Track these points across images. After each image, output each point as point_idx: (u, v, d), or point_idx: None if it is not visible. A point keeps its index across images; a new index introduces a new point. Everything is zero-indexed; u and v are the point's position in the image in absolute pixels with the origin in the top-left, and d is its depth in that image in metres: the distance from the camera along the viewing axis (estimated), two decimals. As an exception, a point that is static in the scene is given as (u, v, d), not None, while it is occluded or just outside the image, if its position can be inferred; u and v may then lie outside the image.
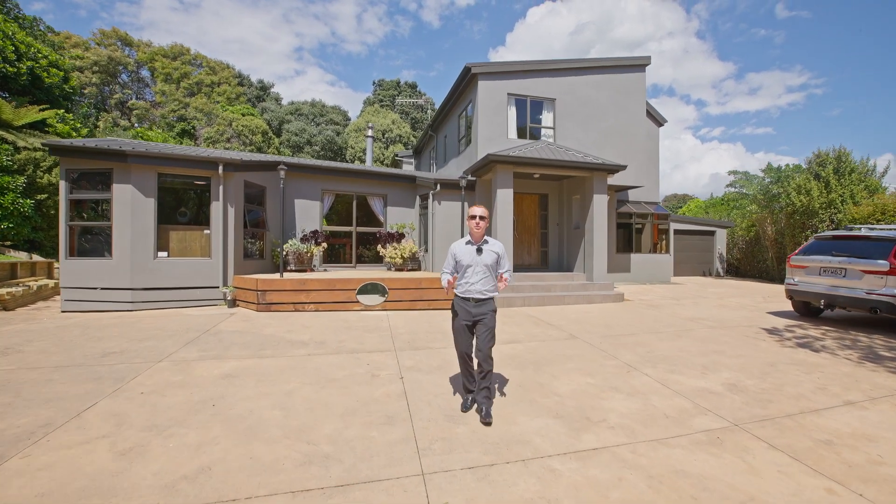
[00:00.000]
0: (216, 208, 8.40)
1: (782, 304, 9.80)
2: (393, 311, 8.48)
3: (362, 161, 35.86)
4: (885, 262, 6.54)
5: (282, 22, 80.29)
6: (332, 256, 12.45)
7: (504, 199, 10.22)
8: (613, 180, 12.24)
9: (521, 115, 12.19)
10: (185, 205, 8.44)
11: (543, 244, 12.90)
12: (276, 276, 8.69)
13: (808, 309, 8.09)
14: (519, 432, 3.27)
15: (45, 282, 9.56)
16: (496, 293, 3.53)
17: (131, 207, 7.75)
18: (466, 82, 12.12)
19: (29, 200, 11.90)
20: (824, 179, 13.42)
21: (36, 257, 11.89)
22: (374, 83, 48.22)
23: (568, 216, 12.43)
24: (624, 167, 10.74)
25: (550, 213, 12.83)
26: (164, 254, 8.12)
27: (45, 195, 12.70)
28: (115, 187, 7.77)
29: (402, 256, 11.46)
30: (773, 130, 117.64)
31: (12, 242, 12.00)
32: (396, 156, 24.12)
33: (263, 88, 43.81)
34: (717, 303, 9.88)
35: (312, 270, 10.77)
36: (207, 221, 8.49)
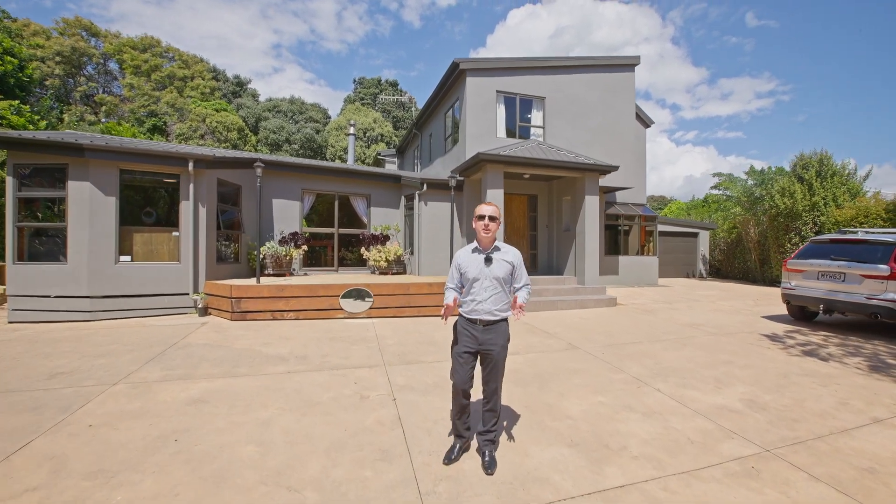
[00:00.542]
0: (186, 208, 7.73)
1: (774, 308, 9.70)
2: (379, 318, 7.98)
3: (343, 160, 35.05)
4: (885, 266, 6.40)
5: (259, 18, 78.33)
6: (313, 259, 11.84)
7: (494, 200, 9.83)
8: (603, 181, 12.01)
9: (510, 113, 11.84)
10: (151, 204, 7.75)
11: (533, 247, 12.58)
12: (252, 281, 8.08)
13: (804, 313, 7.96)
14: (533, 466, 2.86)
15: (-7, 288, 8.69)
16: (509, 314, 2.92)
17: (89, 207, 7.02)
18: (454, 78, 11.70)
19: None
20: (807, 182, 13.54)
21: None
22: (355, 81, 47.38)
23: (558, 218, 12.15)
24: (616, 168, 10.50)
25: (540, 215, 12.52)
26: (128, 258, 7.41)
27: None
28: (71, 185, 7.03)
29: (386, 259, 10.96)
30: (744, 134, 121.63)
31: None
32: (379, 155, 23.51)
33: (240, 84, 42.46)
34: (711, 307, 9.72)
35: (292, 275, 10.15)
36: (176, 222, 7.82)
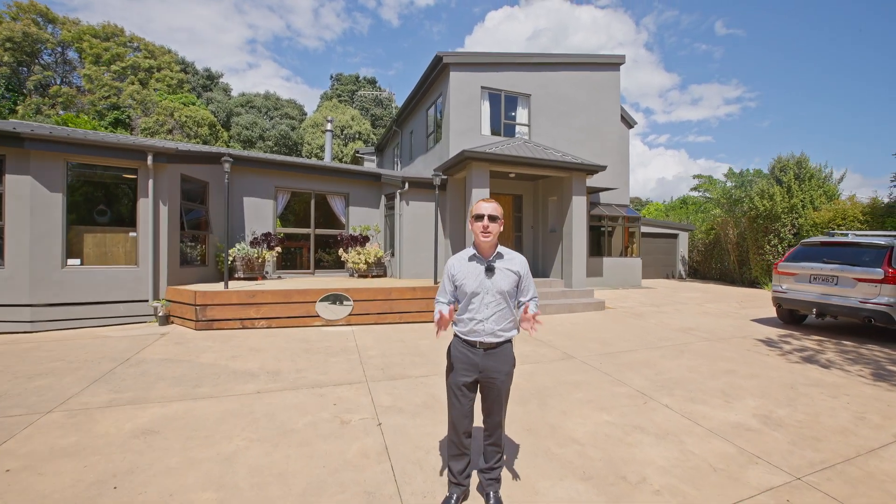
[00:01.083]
0: (145, 206, 7.02)
1: (761, 311, 9.66)
2: (359, 325, 7.47)
3: (320, 158, 34.10)
4: (879, 270, 6.32)
5: (234, 12, 75.87)
6: (288, 262, 11.19)
7: (479, 199, 9.43)
8: (588, 182, 11.80)
9: (494, 110, 11.48)
10: (106, 202, 7.01)
11: (518, 248, 12.25)
12: (221, 286, 7.44)
13: (793, 316, 7.88)
14: (546, 508, 2.46)
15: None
16: (515, 333, 2.44)
17: (30, 204, 6.25)
18: (437, 73, 11.26)
19: None
20: (786, 185, 13.70)
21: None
22: (332, 77, 46.38)
23: (543, 219, 11.86)
24: (604, 168, 10.28)
25: (525, 216, 12.22)
26: (77, 261, 6.66)
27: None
28: (9, 179, 6.23)
29: (366, 262, 10.43)
30: (713, 139, 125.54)
31: None
32: (357, 153, 22.85)
33: (210, 77, 40.85)
34: (698, 310, 9.59)
35: (264, 278, 9.51)
36: (134, 222, 7.10)
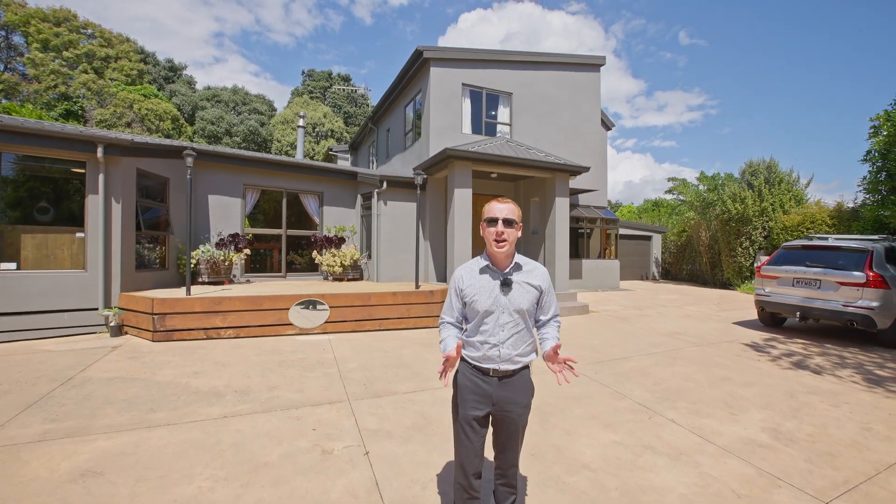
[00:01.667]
0: (94, 203, 6.31)
1: (739, 313, 9.74)
2: (336, 333, 6.98)
3: (291, 156, 32.99)
4: (861, 273, 6.36)
5: (199, 4, 72.69)
6: (258, 264, 10.53)
7: (462, 200, 9.11)
8: (571, 183, 11.67)
9: (475, 108, 11.18)
10: (50, 198, 6.27)
11: (497, 250, 12.00)
12: (182, 292, 6.79)
13: (774, 319, 7.92)
14: (569, 558, 2.12)
15: None
16: (534, 357, 2.08)
17: (-44, 200, 5.47)
18: (417, 68, 10.86)
19: None
20: (757, 188, 14.03)
21: None
22: (304, 73, 45.11)
23: (525, 220, 11.65)
24: (587, 169, 10.15)
25: (505, 217, 11.95)
26: (12, 265, 5.88)
27: None
28: (-70, 171, 5.45)
29: (341, 264, 9.93)
30: (677, 144, 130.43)
31: None
32: (330, 150, 22.11)
33: (173, 69, 38.92)
34: (679, 313, 9.58)
35: (232, 282, 8.85)
36: (82, 221, 6.37)
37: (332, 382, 4.55)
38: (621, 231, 17.84)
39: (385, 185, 9.92)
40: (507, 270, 2.02)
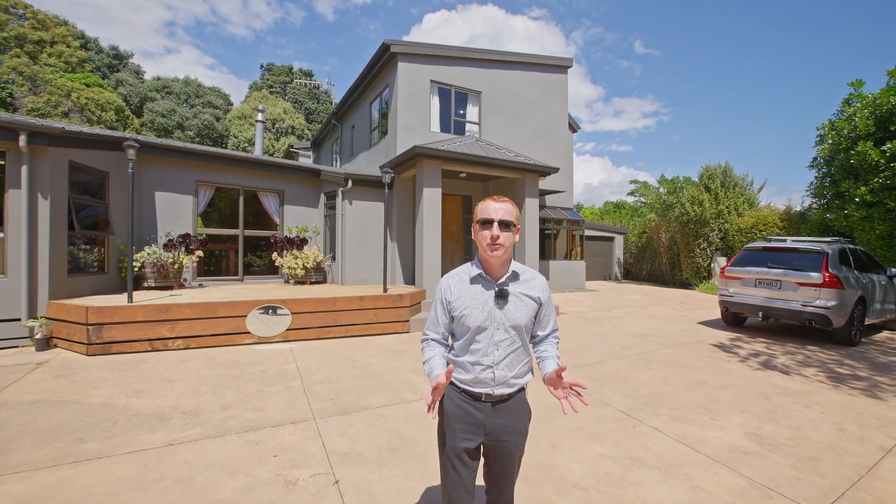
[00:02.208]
0: (16, 199, 5.55)
1: (701, 312, 10.02)
2: (298, 341, 6.52)
3: (249, 153, 31.55)
4: (818, 274, 6.60)
5: (149, -11, 68.43)
6: (212, 267, 9.82)
7: (431, 200, 8.83)
8: (540, 184, 11.65)
9: (444, 106, 10.94)
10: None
11: (467, 251, 11.81)
12: (123, 298, 6.13)
13: (736, 319, 8.14)
14: None
15: None
16: (531, 378, 1.84)
17: None
18: (384, 63, 10.48)
19: None
20: (714, 192, 14.61)
21: None
22: (263, 67, 43.35)
23: (493, 221, 11.50)
24: (556, 170, 10.13)
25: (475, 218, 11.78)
26: (-87, 271, 5.07)
27: None
28: None
29: (304, 266, 9.41)
30: (633, 149, 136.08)
31: None
32: (291, 147, 21.21)
33: (119, 57, 36.34)
34: (646, 313, 9.72)
35: (182, 287, 8.16)
36: (1, 219, 5.59)
37: (296, 398, 4.15)
38: (586, 232, 18.14)
39: (350, 183, 9.49)
40: (503, 280, 1.76)
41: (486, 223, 1.71)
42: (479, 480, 1.90)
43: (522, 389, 1.85)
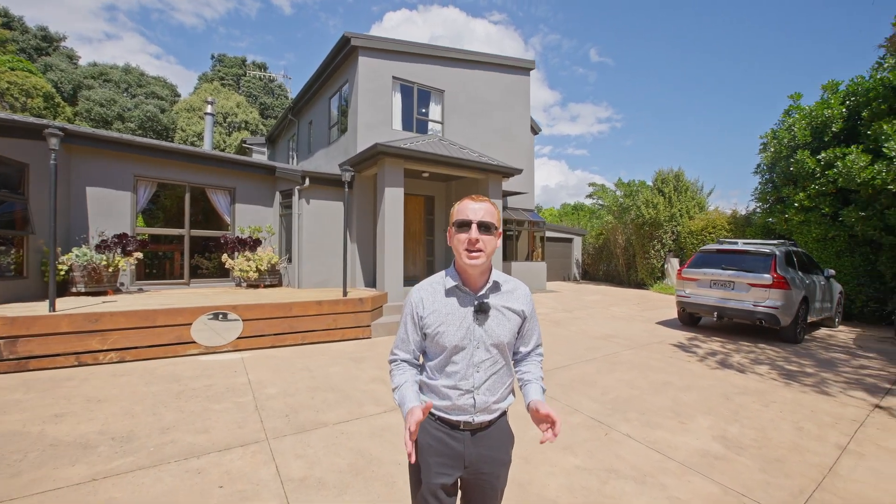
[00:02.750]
0: (-90, 194, 4.77)
1: (658, 312, 10.32)
2: (251, 350, 6.06)
3: (197, 147, 29.78)
4: (768, 276, 6.90)
5: (85, -33, 63.29)
6: (154, 270, 9.05)
7: (393, 200, 8.54)
8: (504, 185, 11.62)
9: (407, 104, 10.66)
10: None
11: (429, 253, 11.60)
12: (45, 306, 5.43)
13: (692, 318, 8.41)
14: None
15: None
16: (513, 400, 1.64)
17: None
18: (344, 56, 10.07)
19: None
20: (667, 195, 15.20)
21: None
22: (214, 57, 41.18)
23: (456, 222, 11.36)
24: (520, 171, 10.12)
25: (437, 218, 11.60)
26: None
27: None
28: None
29: (257, 269, 8.86)
30: (588, 153, 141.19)
31: None
32: (244, 143, 20.15)
33: (48, 39, 33.29)
34: (606, 314, 9.89)
35: (118, 292, 7.43)
36: None
37: (247, 416, 3.77)
38: (546, 234, 18.41)
39: (308, 181, 9.03)
40: (483, 291, 1.55)
41: (464, 225, 1.49)
42: (458, 517, 1.69)
43: (504, 413, 1.65)
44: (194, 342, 5.66)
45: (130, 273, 8.08)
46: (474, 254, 1.47)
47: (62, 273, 6.58)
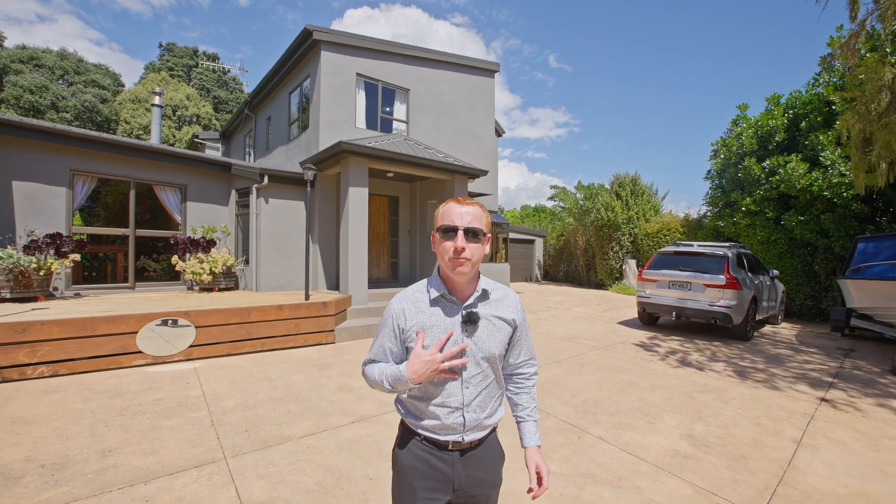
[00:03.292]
0: None
1: (618, 312, 10.63)
2: (205, 359, 5.66)
3: (144, 141, 27.93)
4: (722, 276, 7.23)
5: (11, -60, 57.80)
6: (94, 273, 8.33)
7: (358, 200, 8.29)
8: (469, 186, 11.59)
9: (371, 101, 10.41)
10: None
11: (394, 254, 11.38)
12: (-38, 315, 4.82)
13: (651, 318, 8.71)
14: None
15: None
16: (502, 415, 1.53)
17: None
18: (305, 50, 9.69)
19: None
20: (624, 199, 15.76)
21: None
22: (162, 46, 38.82)
23: (421, 223, 11.23)
24: (485, 172, 10.11)
25: (401, 219, 11.41)
26: None
27: None
28: None
29: (211, 271, 8.35)
30: (547, 156, 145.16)
31: None
32: (196, 137, 19.05)
33: (-32, 19, 30.15)
34: (570, 315, 10.07)
35: (52, 298, 6.75)
36: None
37: (201, 433, 3.47)
38: (511, 235, 18.62)
39: (267, 179, 8.62)
40: (471, 301, 1.42)
41: (449, 231, 1.35)
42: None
43: (494, 430, 1.55)
44: (140, 352, 5.20)
45: (66, 277, 7.38)
46: (461, 262, 1.35)
47: (-17, 277, 5.89)
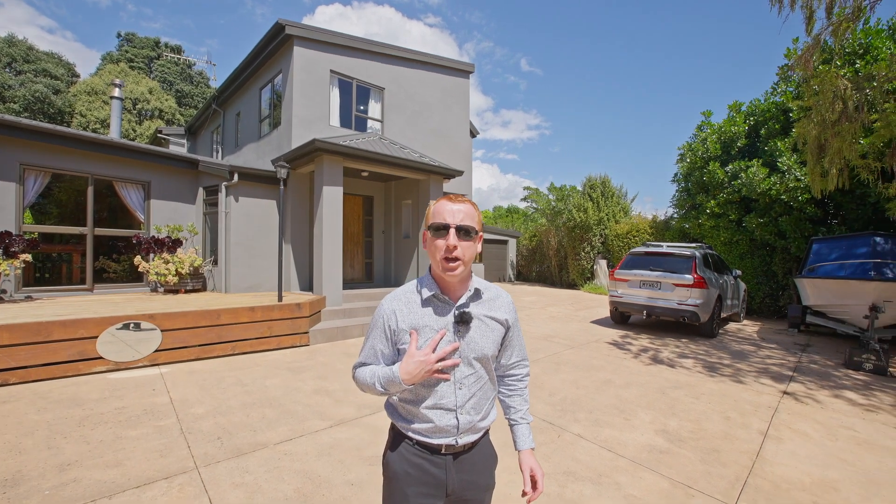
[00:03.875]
0: None
1: (591, 311, 10.86)
2: (172, 364, 5.40)
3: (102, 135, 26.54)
4: (690, 276, 7.50)
5: (-53, -86, 53.62)
6: (48, 274, 7.83)
7: (332, 199, 8.14)
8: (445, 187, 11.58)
9: (345, 99, 10.24)
10: None
11: (368, 255, 11.24)
12: None
13: (623, 317, 8.94)
14: None
15: None
16: (495, 417, 1.50)
17: None
18: (277, 45, 9.43)
19: None
20: (595, 200, 16.13)
21: None
22: (121, 36, 37.02)
23: (396, 223, 11.14)
24: (461, 173, 10.13)
25: (376, 219, 11.28)
26: None
27: None
28: None
29: (177, 272, 8.03)
30: (518, 157, 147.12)
31: None
32: (160, 133, 18.22)
33: None
34: (545, 314, 10.21)
35: (0, 301, 6.30)
36: None
37: (170, 442, 3.30)
38: (483, 236, 18.73)
39: (236, 177, 8.34)
40: (464, 301, 1.41)
41: (441, 229, 1.33)
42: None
43: (487, 432, 1.53)
44: (101, 358, 4.92)
45: (15, 278, 6.90)
46: (452, 263, 1.32)
47: (-79, 279, 5.43)
